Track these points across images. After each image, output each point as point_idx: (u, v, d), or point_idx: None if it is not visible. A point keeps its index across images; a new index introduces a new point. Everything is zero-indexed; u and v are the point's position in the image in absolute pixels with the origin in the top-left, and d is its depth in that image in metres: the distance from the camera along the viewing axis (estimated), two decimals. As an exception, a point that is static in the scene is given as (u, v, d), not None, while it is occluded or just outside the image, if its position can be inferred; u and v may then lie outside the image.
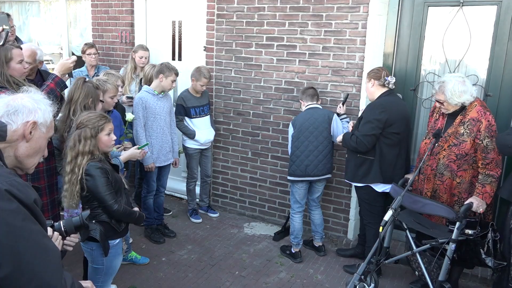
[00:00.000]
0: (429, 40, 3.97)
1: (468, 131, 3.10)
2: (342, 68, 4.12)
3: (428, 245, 3.08)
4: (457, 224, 2.92)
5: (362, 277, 2.99)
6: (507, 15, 3.59)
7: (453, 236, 2.92)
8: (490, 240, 2.96)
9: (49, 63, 6.36)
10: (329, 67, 4.18)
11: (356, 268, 3.12)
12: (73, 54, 6.08)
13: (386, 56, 4.12)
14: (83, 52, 4.97)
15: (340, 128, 3.87)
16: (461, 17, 3.79)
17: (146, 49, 4.94)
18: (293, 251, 4.08)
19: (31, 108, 1.54)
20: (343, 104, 4.00)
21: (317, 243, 4.18)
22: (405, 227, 3.27)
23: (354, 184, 3.79)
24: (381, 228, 2.85)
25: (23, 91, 1.62)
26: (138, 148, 3.42)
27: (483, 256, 2.94)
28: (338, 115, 3.95)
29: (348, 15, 4.00)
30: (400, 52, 4.09)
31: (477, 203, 2.99)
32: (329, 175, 3.97)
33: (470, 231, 2.96)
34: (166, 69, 4.06)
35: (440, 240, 2.99)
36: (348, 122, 3.92)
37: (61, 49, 6.35)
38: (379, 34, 4.02)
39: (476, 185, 3.13)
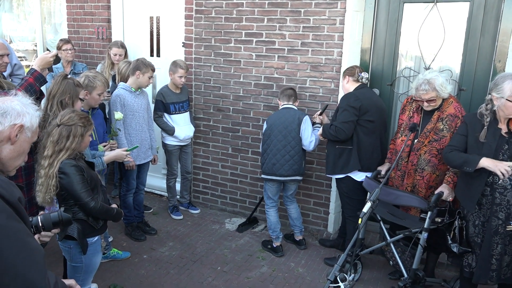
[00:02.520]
0: (405, 36, 4.05)
1: (447, 127, 3.21)
2: (320, 64, 4.17)
3: (401, 235, 3.20)
4: (429, 213, 3.04)
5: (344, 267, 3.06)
6: (479, 10, 3.70)
7: (425, 225, 3.05)
8: (456, 227, 3.08)
9: (22, 59, 6.21)
10: (307, 63, 4.22)
11: (336, 260, 3.18)
12: (47, 50, 5.96)
13: (363, 51, 4.18)
14: (59, 48, 4.88)
15: (309, 131, 3.86)
16: (435, 13, 3.88)
17: (121, 47, 4.87)
18: (274, 246, 4.11)
19: (19, 111, 1.54)
20: (320, 114, 4.02)
21: (298, 237, 4.23)
22: (379, 218, 3.36)
23: (335, 176, 3.84)
24: (360, 220, 2.91)
25: (11, 94, 1.61)
26: (127, 150, 3.37)
27: (450, 242, 3.07)
28: (314, 123, 3.98)
29: (326, 11, 4.04)
30: (377, 47, 4.16)
31: (448, 192, 3.11)
32: (297, 177, 3.94)
33: (439, 219, 3.10)
34: (142, 66, 4.02)
35: (413, 230, 3.11)
36: (316, 132, 3.89)
37: (35, 45, 6.21)
38: (356, 30, 4.08)
39: (446, 174, 3.24)
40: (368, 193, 3.51)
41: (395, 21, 4.03)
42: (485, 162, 2.79)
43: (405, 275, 3.11)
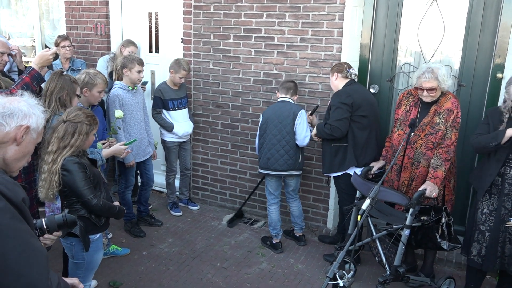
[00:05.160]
0: (405, 31, 4.04)
1: (443, 120, 3.21)
2: (320, 60, 4.16)
3: (385, 231, 3.21)
4: (410, 210, 3.03)
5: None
6: (479, 6, 3.68)
7: (407, 222, 3.04)
8: (444, 224, 3.09)
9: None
10: (307, 59, 4.21)
11: (335, 256, 3.19)
12: (46, 46, 5.94)
13: (362, 47, 4.17)
14: (57, 44, 4.85)
15: (304, 126, 3.81)
16: (435, 8, 3.87)
17: (136, 46, 4.87)
18: (274, 242, 4.12)
19: (26, 113, 1.53)
20: (311, 114, 4.01)
21: (298, 233, 4.24)
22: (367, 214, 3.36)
23: (332, 174, 3.84)
24: (359, 217, 2.91)
25: (19, 94, 1.61)
26: (125, 144, 3.36)
27: (438, 239, 3.08)
28: None
29: (325, 6, 4.02)
30: (376, 43, 4.14)
31: (430, 189, 3.10)
32: (293, 172, 3.91)
33: (425, 217, 3.10)
34: (128, 62, 3.99)
35: (394, 226, 3.11)
36: (311, 131, 3.87)
37: (34, 41, 6.19)
38: (355, 26, 4.06)
39: (429, 170, 3.23)
40: (358, 191, 3.51)
41: (395, 17, 4.01)
42: (509, 130, 2.87)
43: (388, 271, 3.13)
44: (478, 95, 3.83)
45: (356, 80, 3.76)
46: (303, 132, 3.82)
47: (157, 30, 5.12)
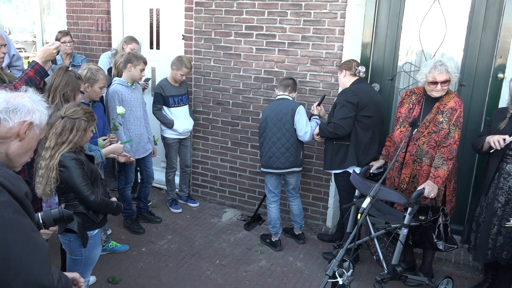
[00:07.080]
0: (406, 30, 4.03)
1: (447, 119, 3.21)
2: (321, 58, 4.15)
3: (383, 230, 3.21)
4: (409, 209, 3.03)
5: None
6: (481, 5, 3.67)
7: (405, 221, 3.04)
8: (441, 224, 3.10)
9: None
10: (308, 57, 4.20)
11: (334, 255, 3.19)
12: (46, 42, 5.93)
13: (364, 46, 4.16)
14: (58, 40, 4.84)
15: (303, 121, 3.80)
16: (437, 7, 3.86)
17: (138, 43, 4.86)
18: (273, 240, 4.12)
19: (30, 108, 1.54)
20: (318, 105, 3.98)
21: (297, 231, 4.24)
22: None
23: (332, 171, 3.84)
24: (359, 215, 2.91)
25: (22, 90, 1.63)
26: (122, 143, 3.37)
27: (435, 240, 3.09)
28: (312, 115, 3.95)
29: (327, 4, 4.01)
30: (378, 42, 4.13)
31: (429, 188, 3.10)
32: (295, 169, 3.92)
33: (422, 217, 3.13)
34: (133, 58, 3.97)
35: (392, 225, 3.12)
36: (317, 123, 3.86)
37: (34, 36, 6.17)
38: (357, 24, 4.05)
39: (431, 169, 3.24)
40: (356, 189, 3.51)
41: (397, 16, 4.00)
42: (487, 138, 3.10)
43: (385, 270, 3.14)
44: (479, 95, 3.82)
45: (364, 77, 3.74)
46: (303, 128, 3.81)
47: (158, 27, 5.11)
